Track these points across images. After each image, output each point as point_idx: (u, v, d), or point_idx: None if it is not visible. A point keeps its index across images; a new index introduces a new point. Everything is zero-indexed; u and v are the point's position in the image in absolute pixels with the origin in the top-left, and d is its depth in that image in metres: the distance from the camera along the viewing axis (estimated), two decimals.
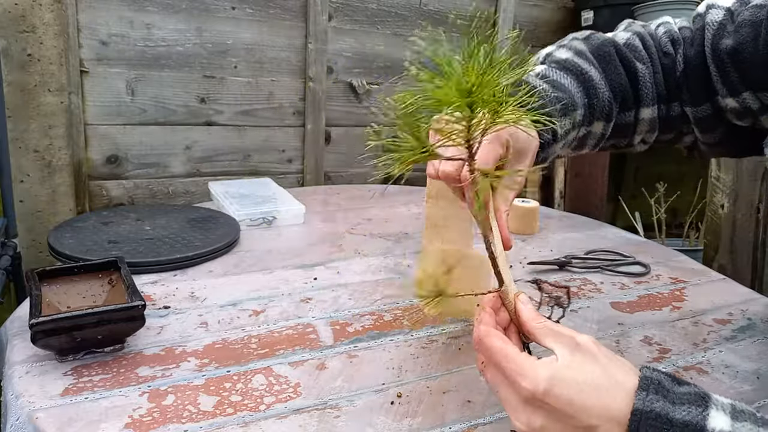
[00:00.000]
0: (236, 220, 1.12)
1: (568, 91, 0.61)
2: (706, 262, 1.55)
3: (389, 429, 0.55)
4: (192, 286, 0.86)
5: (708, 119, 0.68)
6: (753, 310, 0.85)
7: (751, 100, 0.63)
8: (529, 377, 0.42)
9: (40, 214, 1.50)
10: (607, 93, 0.63)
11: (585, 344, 0.43)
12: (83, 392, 0.58)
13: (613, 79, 0.65)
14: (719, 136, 0.69)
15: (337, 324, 0.75)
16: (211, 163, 1.71)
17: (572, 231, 1.21)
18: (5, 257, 1.26)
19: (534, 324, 0.46)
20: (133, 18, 1.53)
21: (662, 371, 0.42)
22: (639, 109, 0.68)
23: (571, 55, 0.65)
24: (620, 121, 0.67)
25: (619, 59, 0.66)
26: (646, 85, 0.66)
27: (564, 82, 0.62)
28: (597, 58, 0.65)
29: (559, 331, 0.45)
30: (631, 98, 0.67)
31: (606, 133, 0.66)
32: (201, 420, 0.55)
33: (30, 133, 1.45)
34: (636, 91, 0.67)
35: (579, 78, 0.63)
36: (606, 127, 0.66)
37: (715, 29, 0.65)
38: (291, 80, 1.77)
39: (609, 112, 0.64)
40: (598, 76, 0.63)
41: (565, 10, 2.19)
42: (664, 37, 0.70)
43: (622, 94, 0.66)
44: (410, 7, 1.90)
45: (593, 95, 0.63)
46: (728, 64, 0.63)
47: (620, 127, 0.68)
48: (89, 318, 0.62)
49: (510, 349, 0.44)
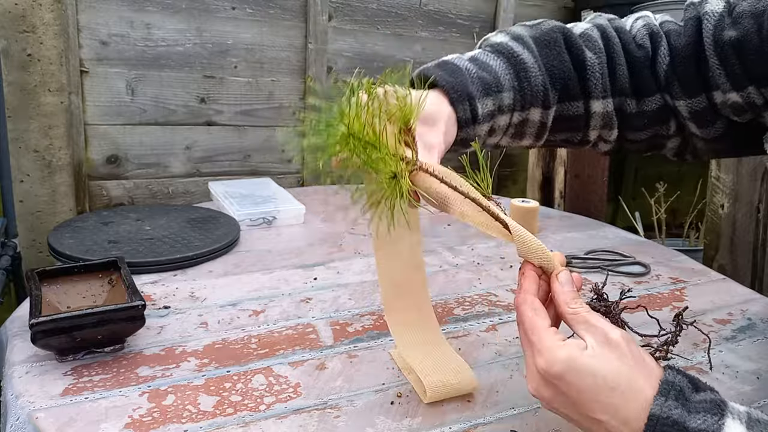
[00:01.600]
0: (236, 220, 1.12)
1: (493, 72, 0.59)
2: (706, 262, 1.55)
3: (389, 429, 0.55)
4: (192, 286, 0.86)
5: (705, 112, 0.64)
6: (753, 310, 0.85)
7: (755, 94, 0.61)
8: (546, 356, 0.42)
9: (40, 214, 1.50)
10: (540, 77, 0.61)
11: (616, 340, 0.42)
12: (83, 392, 0.58)
13: (554, 65, 0.62)
14: (721, 130, 0.66)
15: (337, 324, 0.75)
16: (211, 163, 1.71)
17: (572, 231, 1.21)
18: (5, 257, 1.26)
19: (567, 309, 0.45)
20: (133, 18, 1.53)
21: (685, 374, 0.42)
22: (589, 101, 0.64)
23: (507, 39, 0.63)
24: (566, 112, 0.64)
25: (567, 46, 0.63)
26: (595, 75, 0.63)
27: (492, 63, 0.60)
28: (538, 43, 0.63)
29: (593, 322, 0.43)
30: (576, 87, 0.63)
31: (546, 122, 0.63)
32: (201, 420, 0.55)
33: (30, 133, 1.45)
34: (583, 80, 0.63)
35: (510, 61, 0.61)
36: (545, 115, 0.62)
37: (716, 20, 0.62)
38: (291, 80, 1.77)
39: (545, 98, 0.61)
40: (531, 60, 0.61)
41: (565, 10, 2.19)
42: (643, 30, 0.67)
43: (564, 81, 0.62)
44: (410, 7, 1.90)
45: (523, 78, 0.60)
46: (732, 56, 0.60)
47: (567, 118, 0.64)
48: (89, 318, 0.62)
49: (539, 322, 0.44)
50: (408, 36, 1.92)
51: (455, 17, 1.98)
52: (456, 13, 1.98)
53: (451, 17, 1.98)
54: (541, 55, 0.62)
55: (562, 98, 0.63)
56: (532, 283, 0.48)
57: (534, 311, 0.45)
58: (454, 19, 1.98)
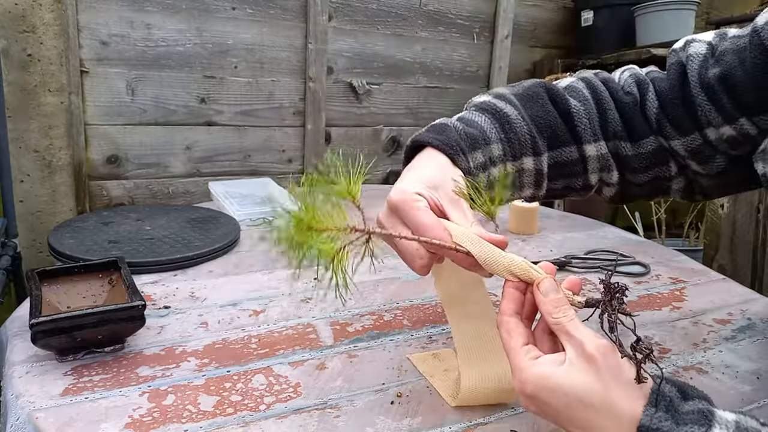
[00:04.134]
0: (236, 220, 1.12)
1: (479, 127, 0.62)
2: (706, 262, 1.55)
3: (389, 429, 0.55)
4: (192, 286, 0.86)
5: (702, 147, 0.66)
6: (753, 310, 0.85)
7: (748, 125, 0.62)
8: (518, 376, 0.44)
9: (40, 214, 1.50)
10: (525, 127, 0.63)
11: (591, 354, 0.42)
12: (83, 392, 0.58)
13: (538, 114, 0.65)
14: (722, 164, 0.67)
15: (337, 324, 0.75)
16: (211, 163, 1.71)
17: (572, 231, 1.21)
18: (5, 257, 1.26)
19: (550, 319, 0.45)
20: (133, 18, 1.53)
21: (675, 381, 0.42)
22: (581, 146, 0.66)
23: (490, 98, 0.66)
24: (560, 158, 0.66)
25: (549, 97, 0.66)
26: (582, 121, 0.65)
27: (477, 120, 0.63)
28: (520, 98, 0.66)
29: (572, 332, 0.44)
30: (565, 134, 0.65)
31: (541, 169, 0.65)
32: (201, 420, 0.55)
33: (30, 133, 1.45)
34: (571, 127, 0.66)
35: (494, 115, 0.64)
36: (537, 162, 0.64)
37: (700, 60, 0.64)
38: (291, 80, 1.77)
39: (534, 146, 0.64)
40: (514, 112, 0.64)
41: (565, 10, 2.19)
42: (629, 79, 0.69)
43: (551, 128, 0.65)
44: (410, 7, 1.90)
45: (509, 129, 0.63)
46: (719, 91, 0.62)
47: (563, 164, 0.66)
48: (89, 318, 0.62)
49: (512, 343, 0.45)
50: (408, 36, 1.92)
51: (455, 17, 1.98)
52: (456, 13, 1.98)
53: (451, 17, 1.98)
54: (524, 107, 0.65)
55: (552, 145, 0.66)
56: (509, 303, 0.48)
57: (508, 333, 0.46)
58: (454, 19, 1.98)
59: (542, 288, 0.47)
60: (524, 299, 0.49)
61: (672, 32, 1.84)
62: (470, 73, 2.06)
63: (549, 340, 0.46)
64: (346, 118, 1.89)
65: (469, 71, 2.06)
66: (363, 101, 1.90)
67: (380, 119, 1.95)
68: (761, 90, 0.59)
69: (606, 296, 0.46)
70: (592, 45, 2.08)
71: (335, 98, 1.85)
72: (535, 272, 0.49)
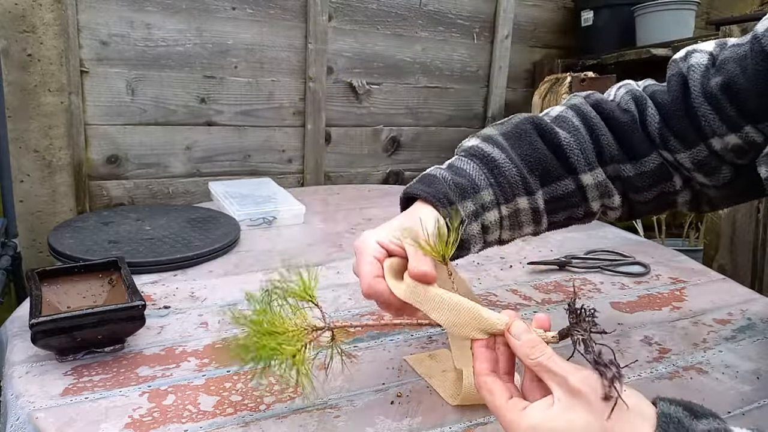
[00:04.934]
0: (236, 220, 1.12)
1: (468, 175, 0.64)
2: (706, 262, 1.55)
3: (389, 429, 0.55)
4: (192, 286, 0.86)
5: (708, 159, 0.65)
6: (753, 310, 0.85)
7: (753, 133, 0.61)
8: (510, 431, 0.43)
9: (40, 214, 1.50)
10: (514, 169, 0.64)
11: (576, 388, 0.41)
12: (83, 392, 0.58)
13: (527, 153, 0.65)
14: (728, 175, 0.67)
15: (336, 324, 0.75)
16: (211, 163, 1.71)
17: (572, 231, 1.21)
18: (5, 257, 1.26)
19: (529, 362, 0.45)
20: (133, 18, 1.53)
21: (680, 402, 0.41)
22: (577, 176, 0.66)
23: (478, 142, 0.67)
24: (556, 192, 0.66)
25: (538, 133, 0.66)
26: (574, 152, 0.65)
27: (465, 168, 0.64)
28: (508, 137, 0.66)
29: (554, 369, 0.43)
30: (557, 168, 0.66)
31: (537, 207, 0.65)
32: (201, 420, 0.55)
33: (30, 133, 1.45)
34: (563, 159, 0.66)
35: (482, 161, 0.65)
36: (533, 201, 0.65)
37: (702, 71, 0.64)
38: (291, 80, 1.77)
39: (526, 186, 0.64)
40: (501, 155, 0.64)
41: (565, 10, 2.19)
42: (625, 96, 0.69)
43: (541, 165, 0.65)
44: (410, 7, 1.90)
45: (498, 174, 0.64)
46: (722, 100, 0.62)
47: (560, 198, 0.67)
48: (89, 318, 0.62)
49: (496, 401, 0.45)
50: (408, 36, 1.92)
51: (455, 17, 1.98)
52: (456, 13, 1.98)
53: (451, 17, 1.98)
54: (512, 147, 0.65)
55: (545, 181, 0.66)
56: (482, 363, 0.48)
57: (489, 392, 0.46)
58: (454, 19, 1.98)
59: (513, 331, 0.47)
60: (497, 355, 0.48)
61: (672, 32, 1.84)
62: (470, 73, 2.06)
63: (538, 387, 0.45)
64: (346, 118, 1.89)
65: (469, 71, 2.06)
66: (363, 101, 1.90)
67: (380, 119, 1.95)
68: (765, 97, 0.59)
69: (575, 322, 0.45)
70: (592, 45, 2.08)
71: (335, 98, 1.85)
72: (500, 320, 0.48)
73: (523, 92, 2.18)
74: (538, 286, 0.91)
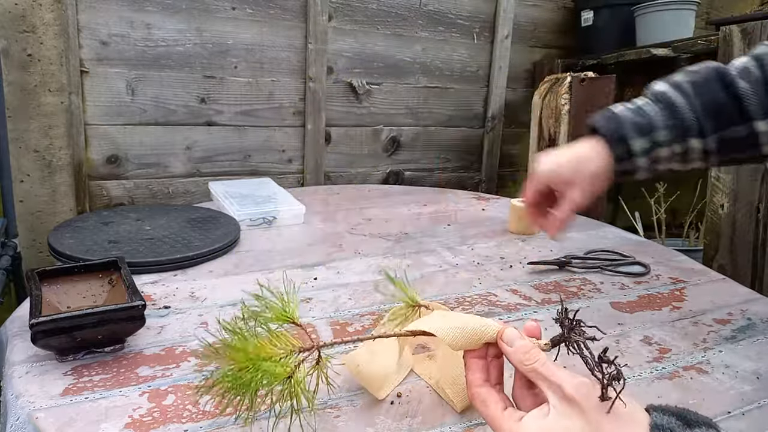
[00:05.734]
0: (236, 220, 1.12)
1: (648, 116, 0.72)
2: (706, 262, 1.55)
3: (389, 429, 0.55)
4: (192, 286, 0.86)
5: None
6: (753, 310, 0.85)
7: None
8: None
9: (40, 214, 1.50)
10: (692, 114, 0.71)
11: (571, 396, 0.41)
12: (83, 392, 0.58)
13: (706, 98, 0.71)
14: None
15: (337, 324, 0.75)
16: (211, 163, 1.71)
17: (572, 231, 1.21)
18: (5, 257, 1.26)
19: (523, 368, 0.45)
20: (133, 18, 1.53)
21: (673, 411, 0.41)
22: (751, 123, 0.70)
23: (666, 87, 0.74)
24: (728, 136, 0.71)
25: (719, 80, 0.71)
26: (751, 101, 0.70)
27: (647, 109, 0.73)
28: (691, 83, 0.73)
29: (549, 377, 0.43)
30: (734, 113, 0.70)
31: (709, 149, 0.71)
32: (201, 420, 0.55)
33: (30, 133, 1.45)
34: (740, 107, 0.70)
35: (664, 104, 0.72)
36: (705, 143, 0.71)
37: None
38: (291, 80, 1.77)
39: (700, 129, 0.71)
40: (683, 101, 0.72)
41: (565, 10, 2.19)
42: None
43: (717, 110, 0.71)
44: (410, 7, 1.90)
45: (676, 116, 0.71)
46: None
47: (731, 141, 0.71)
48: (89, 318, 0.62)
49: (491, 412, 0.45)
50: (408, 36, 1.92)
51: (455, 17, 1.98)
52: (456, 13, 1.98)
53: (451, 17, 1.98)
54: (695, 93, 0.72)
55: (720, 126, 0.71)
56: (475, 374, 0.48)
57: (483, 403, 0.46)
58: (454, 19, 1.98)
59: (506, 338, 0.47)
60: (488, 366, 0.49)
61: (672, 32, 1.84)
62: (470, 73, 2.06)
63: (530, 395, 0.45)
64: (346, 118, 1.89)
65: (469, 71, 2.06)
66: (363, 101, 1.90)
67: (380, 119, 1.95)
68: None
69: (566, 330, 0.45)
70: (592, 45, 2.08)
71: (335, 98, 1.85)
72: (489, 329, 0.48)
73: (523, 92, 2.18)
74: (538, 286, 0.91)
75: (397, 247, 1.07)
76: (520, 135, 2.19)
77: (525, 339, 0.47)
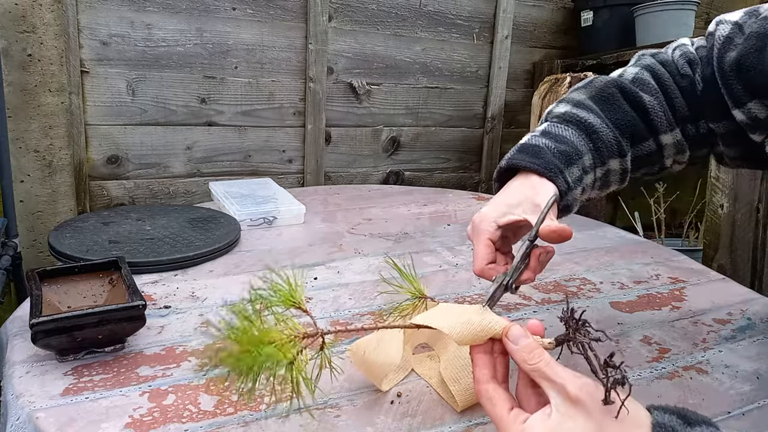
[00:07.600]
0: (237, 220, 1.12)
1: (570, 142, 0.64)
2: (705, 262, 1.55)
3: (389, 429, 0.55)
4: (192, 286, 0.86)
5: (728, 135, 0.68)
6: (753, 310, 0.85)
7: (756, 109, 0.63)
8: None
9: (41, 214, 1.50)
10: (610, 133, 0.66)
11: (575, 396, 0.41)
12: (83, 392, 0.58)
13: (618, 117, 0.67)
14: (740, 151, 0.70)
15: (337, 324, 0.75)
16: (212, 164, 1.72)
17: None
18: (6, 257, 1.26)
19: (527, 367, 0.45)
20: (133, 18, 1.53)
21: (673, 410, 0.41)
22: (658, 137, 0.69)
23: (570, 108, 0.68)
24: (640, 153, 0.69)
25: (624, 97, 0.68)
26: (658, 114, 0.68)
27: (565, 134, 0.65)
28: (597, 102, 0.68)
29: (553, 377, 0.43)
30: (643, 130, 0.68)
31: (626, 167, 0.68)
32: (201, 420, 0.55)
33: (30, 133, 1.45)
34: (648, 122, 0.68)
35: (580, 127, 0.66)
36: (623, 162, 0.68)
37: (721, 44, 0.66)
38: (291, 81, 1.77)
39: (620, 149, 0.67)
40: (598, 121, 0.66)
41: (564, 11, 2.19)
42: (681, 59, 0.71)
43: (631, 129, 0.68)
44: (410, 8, 1.90)
45: (596, 139, 0.66)
46: (731, 76, 0.64)
47: (643, 158, 0.70)
48: (90, 318, 0.62)
49: (497, 411, 0.45)
50: (408, 36, 1.92)
51: (455, 17, 1.98)
52: (456, 13, 1.98)
53: (451, 17, 1.98)
54: (603, 112, 0.68)
55: (634, 143, 0.69)
56: (482, 369, 0.48)
57: (490, 401, 0.46)
58: (454, 19, 1.98)
59: (511, 336, 0.47)
60: (494, 362, 0.49)
61: (672, 32, 1.84)
62: (470, 73, 2.06)
63: (533, 394, 0.45)
64: (346, 118, 1.89)
65: (469, 71, 2.06)
66: (363, 101, 1.90)
67: (380, 119, 1.95)
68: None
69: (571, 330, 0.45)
70: (591, 45, 2.08)
71: (335, 98, 1.85)
72: (495, 325, 0.48)
73: (522, 92, 2.19)
74: (538, 285, 0.91)
75: (397, 247, 1.07)
76: (520, 135, 2.18)
77: (530, 337, 0.46)
